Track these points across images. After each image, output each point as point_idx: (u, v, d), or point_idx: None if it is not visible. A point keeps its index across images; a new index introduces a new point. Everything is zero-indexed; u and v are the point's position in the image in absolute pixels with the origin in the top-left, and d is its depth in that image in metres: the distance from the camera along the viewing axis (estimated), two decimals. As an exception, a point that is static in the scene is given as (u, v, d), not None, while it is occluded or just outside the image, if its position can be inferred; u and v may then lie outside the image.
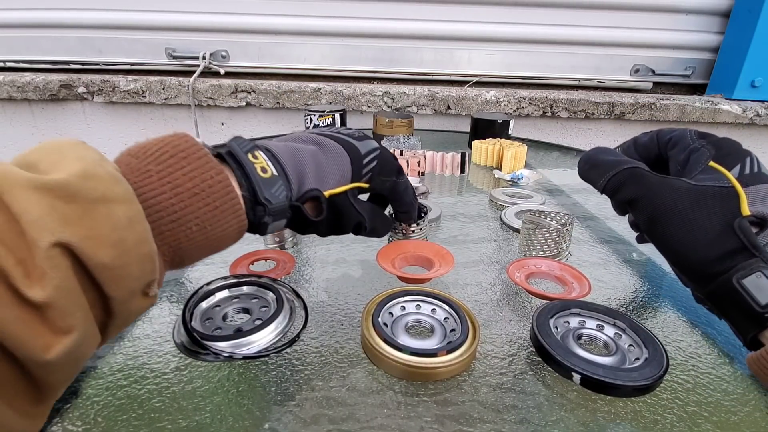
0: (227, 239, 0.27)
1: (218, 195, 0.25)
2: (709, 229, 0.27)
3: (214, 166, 0.26)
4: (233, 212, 0.26)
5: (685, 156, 0.33)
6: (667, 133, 0.36)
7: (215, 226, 0.26)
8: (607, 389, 0.28)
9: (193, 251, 0.26)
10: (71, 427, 0.26)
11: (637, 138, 0.38)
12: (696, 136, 0.34)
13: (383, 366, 0.31)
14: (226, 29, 1.20)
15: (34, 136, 1.23)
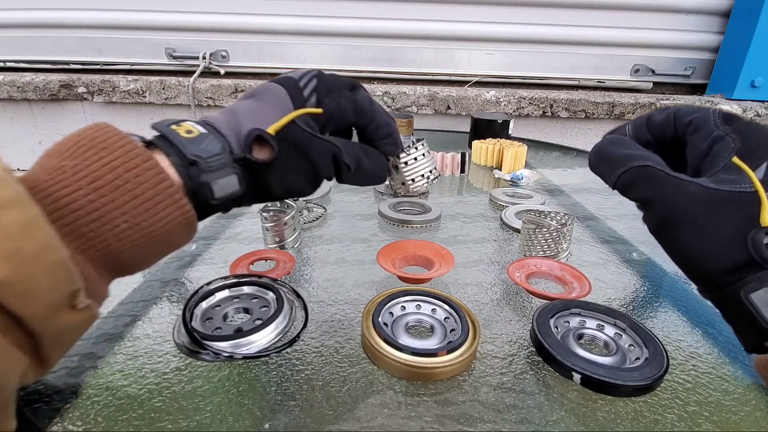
0: (174, 234, 0.25)
1: (148, 184, 0.23)
2: (722, 238, 0.25)
3: (140, 153, 0.23)
4: (170, 200, 0.23)
5: (707, 145, 0.28)
6: (687, 113, 0.31)
7: (151, 221, 0.23)
8: (608, 389, 0.28)
9: (131, 252, 0.23)
10: (71, 427, 0.26)
11: (651, 115, 0.33)
12: (721, 120, 0.29)
13: (383, 366, 0.31)
14: (226, 29, 1.20)
15: (34, 136, 1.23)
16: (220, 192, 0.26)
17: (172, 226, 0.24)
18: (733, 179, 0.26)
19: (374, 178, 0.35)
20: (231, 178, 0.27)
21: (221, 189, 0.26)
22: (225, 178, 0.26)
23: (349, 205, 0.62)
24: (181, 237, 0.25)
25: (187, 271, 0.44)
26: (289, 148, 0.29)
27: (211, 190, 0.26)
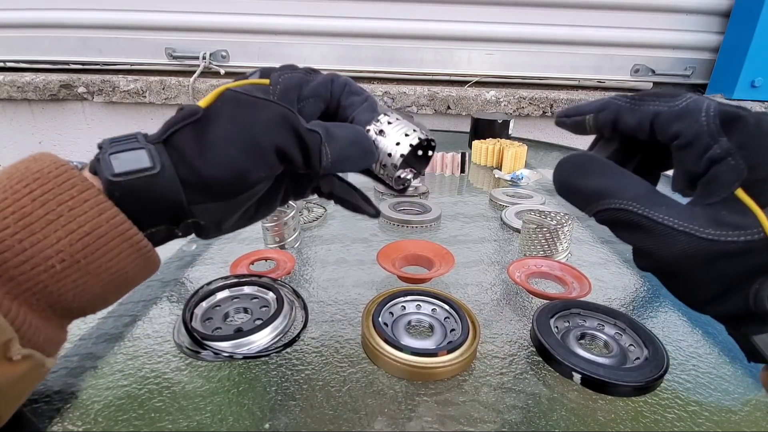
0: (127, 268, 0.22)
1: (86, 217, 0.20)
2: (722, 288, 0.21)
3: (77, 183, 0.20)
4: (116, 233, 0.21)
5: (702, 167, 0.22)
6: (670, 120, 0.22)
7: (93, 257, 0.20)
8: (608, 389, 0.28)
9: (76, 294, 0.21)
10: (71, 427, 0.26)
11: (619, 113, 0.24)
12: (719, 129, 0.21)
13: (383, 366, 0.31)
14: (226, 29, 1.20)
15: (34, 136, 1.23)
16: (121, 166, 0.22)
17: (122, 261, 0.21)
18: (736, 222, 0.20)
19: (356, 147, 0.26)
20: (137, 153, 0.22)
21: (122, 163, 0.22)
22: (128, 152, 0.22)
23: (349, 205, 0.62)
24: (139, 271, 0.23)
25: (187, 271, 0.44)
26: (223, 116, 0.24)
27: (109, 164, 0.22)
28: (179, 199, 0.22)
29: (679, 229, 0.21)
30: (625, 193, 0.22)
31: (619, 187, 0.22)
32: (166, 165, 0.22)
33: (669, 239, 0.21)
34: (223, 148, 0.23)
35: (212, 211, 0.24)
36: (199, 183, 0.23)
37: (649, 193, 0.22)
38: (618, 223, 0.23)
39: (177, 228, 0.24)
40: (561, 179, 0.25)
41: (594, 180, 0.23)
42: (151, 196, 0.22)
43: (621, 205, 0.22)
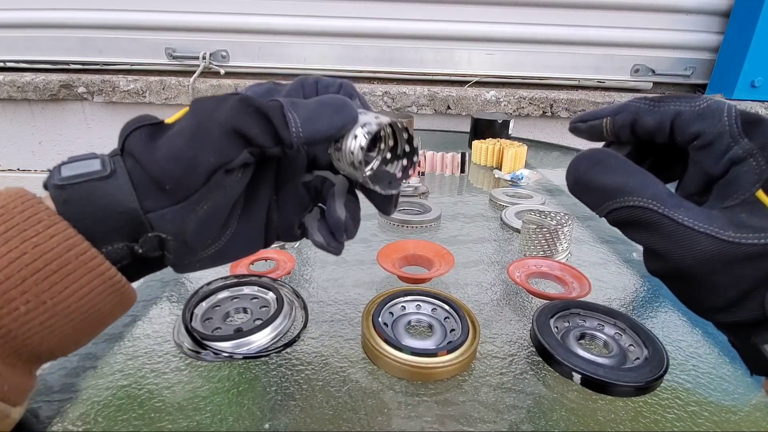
0: (100, 305, 0.21)
1: (52, 254, 0.19)
2: (737, 293, 0.21)
3: (44, 218, 0.19)
4: (86, 269, 0.19)
5: (721, 168, 0.21)
6: (691, 120, 0.22)
7: (60, 297, 0.19)
8: (608, 389, 0.28)
9: (43, 337, 0.19)
10: (71, 427, 0.26)
11: (638, 114, 0.24)
12: (740, 130, 0.21)
13: (383, 366, 0.31)
14: (226, 29, 1.20)
15: (34, 136, 1.23)
16: (70, 171, 0.20)
17: (94, 298, 0.20)
18: (756, 225, 0.20)
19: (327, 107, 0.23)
20: (90, 161, 0.21)
21: (72, 168, 0.20)
22: (80, 161, 0.21)
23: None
24: (112, 308, 0.21)
25: (187, 271, 0.44)
26: (180, 120, 0.22)
27: (57, 171, 0.20)
28: (132, 206, 0.20)
29: (700, 230, 0.20)
30: (646, 191, 0.21)
31: (640, 185, 0.21)
32: (118, 170, 0.21)
33: (688, 241, 0.20)
34: (172, 142, 0.21)
35: (170, 219, 0.21)
36: (149, 181, 0.21)
37: (668, 194, 0.21)
38: (634, 223, 0.22)
39: (137, 245, 0.21)
40: (577, 174, 0.24)
41: (613, 176, 0.22)
42: (99, 203, 0.20)
43: (641, 203, 0.21)
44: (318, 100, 0.23)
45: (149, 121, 0.22)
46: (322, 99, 0.23)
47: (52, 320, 0.19)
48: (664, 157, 0.26)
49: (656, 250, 0.22)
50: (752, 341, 0.21)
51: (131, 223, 0.21)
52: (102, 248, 0.20)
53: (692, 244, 0.20)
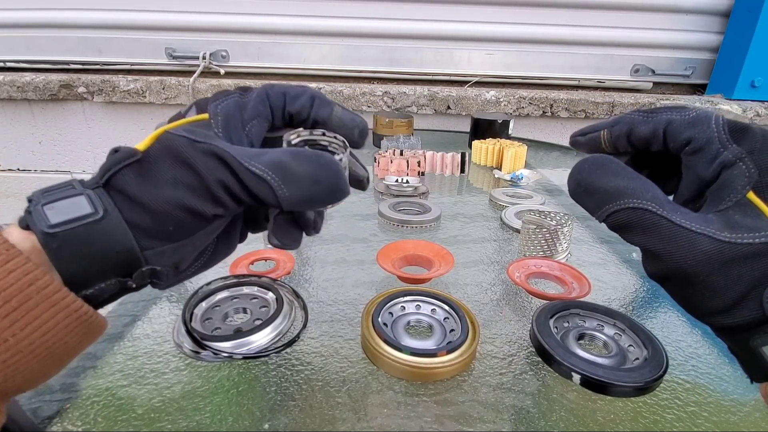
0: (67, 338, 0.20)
1: (13, 290, 0.18)
2: (735, 294, 0.21)
3: (2, 251, 0.18)
4: (48, 303, 0.19)
5: (712, 172, 0.23)
6: (681, 127, 0.24)
7: (21, 335, 0.18)
8: (607, 389, 0.28)
9: (8, 375, 0.19)
10: (71, 427, 0.26)
11: (633, 124, 0.26)
12: (728, 137, 0.23)
13: (383, 366, 0.31)
14: (226, 29, 1.20)
15: (34, 136, 1.23)
16: (58, 215, 0.19)
17: (59, 332, 0.19)
18: (750, 225, 0.21)
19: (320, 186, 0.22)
20: (74, 200, 0.20)
21: (59, 212, 0.20)
22: (64, 200, 0.20)
23: (348, 205, 0.62)
24: (80, 339, 0.21)
25: (187, 271, 0.44)
26: (164, 159, 0.22)
27: (43, 215, 0.19)
28: (129, 245, 0.20)
29: (698, 231, 0.21)
30: (645, 194, 0.22)
31: (640, 188, 0.22)
32: (109, 209, 0.20)
33: (687, 241, 0.21)
34: (170, 187, 0.21)
35: (168, 254, 0.22)
36: (150, 223, 0.21)
37: (665, 198, 0.22)
38: (633, 226, 0.23)
39: (131, 279, 0.21)
40: (580, 178, 0.25)
41: (614, 180, 0.23)
42: (96, 245, 0.20)
43: (640, 205, 0.22)
44: (313, 178, 0.22)
45: (131, 157, 0.21)
46: (318, 174, 0.22)
47: (16, 358, 0.18)
48: (659, 171, 0.27)
49: (655, 252, 0.22)
50: (751, 344, 0.21)
51: (127, 261, 0.21)
52: (95, 285, 0.20)
53: (691, 244, 0.21)
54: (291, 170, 0.21)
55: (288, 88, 0.27)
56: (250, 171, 0.21)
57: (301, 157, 0.22)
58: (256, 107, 0.25)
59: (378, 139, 0.92)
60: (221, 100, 0.25)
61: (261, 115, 0.26)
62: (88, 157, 1.26)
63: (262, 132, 0.26)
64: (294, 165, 0.22)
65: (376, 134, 0.95)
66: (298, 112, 0.26)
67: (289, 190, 0.21)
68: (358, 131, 0.27)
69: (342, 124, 0.27)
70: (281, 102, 0.26)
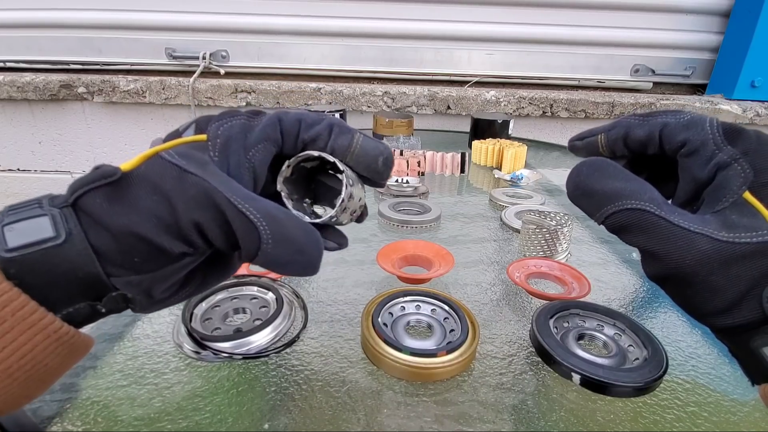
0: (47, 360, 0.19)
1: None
2: (734, 294, 0.21)
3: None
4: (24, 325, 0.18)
5: (708, 173, 0.23)
6: (676, 130, 0.24)
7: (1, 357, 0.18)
8: (607, 390, 0.28)
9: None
10: (71, 427, 0.26)
11: (629, 128, 0.26)
12: (723, 139, 0.23)
13: (383, 366, 0.31)
14: (226, 29, 1.20)
15: (34, 136, 1.23)
16: (17, 239, 0.18)
17: (38, 355, 0.18)
18: (747, 224, 0.21)
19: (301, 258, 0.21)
20: (36, 221, 0.19)
21: (18, 235, 0.18)
22: (26, 221, 0.19)
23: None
24: (63, 360, 0.20)
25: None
26: (144, 185, 0.20)
27: (1, 238, 0.18)
28: (94, 271, 0.19)
29: (696, 231, 0.21)
30: (643, 195, 0.22)
31: (638, 190, 0.23)
32: (74, 232, 0.19)
33: (686, 241, 0.21)
34: (139, 217, 0.20)
35: (136, 284, 0.20)
36: (115, 252, 0.19)
37: (663, 199, 0.22)
38: (632, 226, 0.23)
39: (100, 304, 0.20)
40: (578, 180, 0.25)
41: (612, 182, 0.23)
42: (58, 270, 0.19)
43: (638, 206, 0.22)
44: (297, 248, 0.21)
45: (107, 178, 0.20)
46: (304, 246, 0.21)
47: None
48: (656, 175, 0.27)
49: (654, 253, 0.22)
50: (751, 346, 0.21)
51: (94, 285, 0.20)
52: (62, 310, 0.19)
53: (689, 244, 0.21)
54: (284, 231, 0.20)
55: (303, 115, 0.25)
56: (243, 214, 0.19)
57: (294, 221, 0.21)
58: (264, 130, 0.23)
59: (378, 140, 0.92)
60: (224, 121, 0.23)
61: (269, 139, 0.23)
62: (88, 157, 1.26)
63: (267, 158, 0.24)
64: (288, 226, 0.20)
65: (376, 134, 0.95)
66: (314, 140, 0.24)
67: (274, 248, 0.20)
68: (382, 159, 0.25)
69: (364, 154, 0.24)
70: (295, 129, 0.24)
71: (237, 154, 0.22)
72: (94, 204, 0.19)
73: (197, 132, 0.23)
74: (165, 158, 0.20)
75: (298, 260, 0.21)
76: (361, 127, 1.14)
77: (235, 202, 0.19)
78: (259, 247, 0.20)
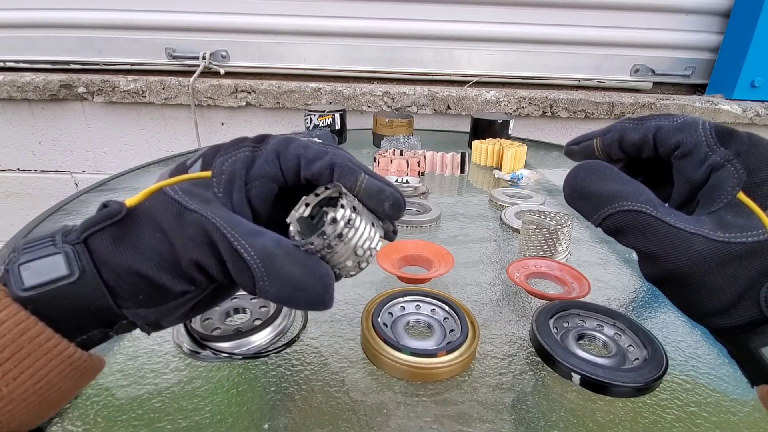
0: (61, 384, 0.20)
1: (5, 341, 0.18)
2: (732, 294, 0.21)
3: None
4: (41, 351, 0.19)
5: (702, 174, 0.23)
6: (670, 133, 0.24)
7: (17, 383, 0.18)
8: (607, 390, 0.28)
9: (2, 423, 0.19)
10: (71, 427, 0.26)
11: (624, 132, 0.26)
12: (715, 140, 0.23)
13: (383, 366, 0.31)
14: (226, 29, 1.20)
15: (34, 136, 1.23)
16: (33, 278, 0.19)
17: (52, 379, 0.19)
18: (742, 224, 0.21)
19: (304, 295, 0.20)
20: (51, 260, 0.19)
21: (33, 274, 0.19)
22: (41, 260, 0.19)
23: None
24: (76, 382, 0.21)
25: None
26: (146, 224, 0.21)
27: (18, 277, 0.19)
28: (106, 304, 0.20)
29: (692, 231, 0.21)
30: (639, 196, 0.22)
31: (634, 192, 0.23)
32: (87, 269, 0.20)
33: (682, 242, 0.21)
34: (141, 257, 0.20)
35: (143, 315, 0.21)
36: (121, 289, 0.20)
37: (659, 201, 0.23)
38: (629, 228, 0.23)
39: (112, 330, 0.21)
40: (575, 183, 0.25)
41: (609, 184, 0.23)
42: (71, 304, 0.19)
43: (635, 207, 0.22)
44: (298, 285, 0.20)
45: (112, 218, 0.20)
46: (303, 283, 0.20)
47: (9, 407, 0.18)
48: (652, 178, 0.27)
49: (652, 254, 0.22)
50: (750, 346, 0.21)
51: (105, 316, 0.21)
52: (76, 338, 0.20)
53: (686, 245, 0.21)
54: (279, 268, 0.19)
55: (305, 149, 0.23)
56: (237, 253, 0.19)
57: (294, 257, 0.20)
58: (262, 167, 0.23)
59: (378, 139, 0.92)
60: (230, 155, 0.23)
61: (266, 176, 0.23)
62: (88, 157, 1.26)
63: (267, 194, 0.23)
64: (284, 263, 0.20)
65: (376, 134, 0.95)
66: (316, 178, 0.23)
67: (271, 286, 0.19)
68: (388, 205, 0.23)
69: (368, 197, 0.23)
70: (295, 165, 0.23)
71: (239, 190, 0.22)
72: (102, 244, 0.20)
73: (203, 166, 0.23)
74: (168, 194, 0.21)
75: (300, 297, 0.20)
76: (361, 127, 1.13)
77: (231, 238, 0.19)
78: (256, 286, 0.20)
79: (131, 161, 1.26)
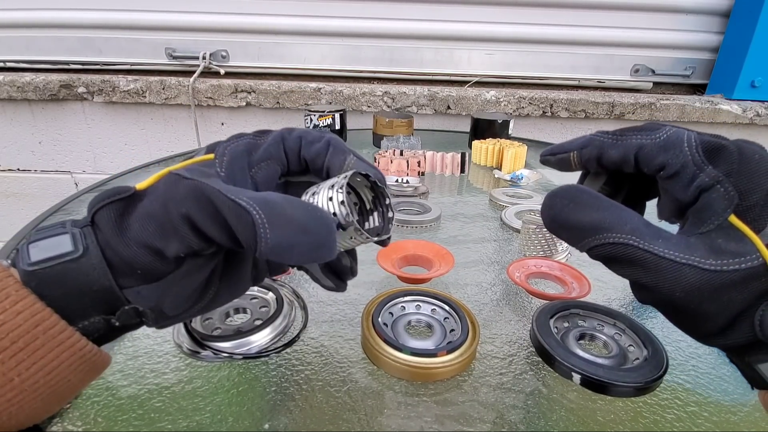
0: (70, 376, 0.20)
1: (21, 331, 0.18)
2: (726, 318, 0.20)
3: (12, 293, 0.19)
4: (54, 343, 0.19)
5: (690, 195, 0.22)
6: (654, 152, 0.23)
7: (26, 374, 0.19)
8: (607, 389, 0.28)
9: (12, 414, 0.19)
10: (71, 427, 0.26)
11: (602, 148, 0.25)
12: (703, 158, 0.22)
13: (383, 366, 0.31)
14: (226, 29, 1.20)
15: (34, 136, 1.23)
16: (39, 254, 0.20)
17: (63, 371, 0.20)
18: (734, 250, 0.20)
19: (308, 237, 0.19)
20: (58, 239, 0.20)
21: (40, 251, 0.20)
22: (49, 239, 0.20)
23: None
24: (84, 376, 0.21)
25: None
26: (149, 197, 0.21)
27: (26, 254, 0.20)
28: (107, 284, 0.20)
29: (683, 262, 0.20)
30: (624, 226, 0.21)
31: (616, 221, 0.21)
32: (91, 247, 0.20)
33: (674, 273, 0.20)
34: (140, 225, 0.20)
35: (146, 295, 0.21)
36: (122, 264, 0.20)
37: (645, 226, 0.21)
38: (616, 259, 0.22)
39: (114, 318, 0.21)
40: (553, 214, 0.23)
41: (588, 213, 0.22)
42: (74, 282, 0.20)
43: (620, 239, 0.21)
44: (302, 226, 0.19)
45: (119, 195, 0.21)
46: (306, 224, 0.19)
47: (20, 396, 0.19)
48: (640, 181, 0.26)
49: (644, 284, 0.21)
50: (747, 360, 0.21)
51: (107, 299, 0.21)
52: (78, 324, 0.20)
53: (678, 276, 0.20)
54: (281, 210, 0.19)
55: (306, 133, 0.26)
56: (234, 201, 0.19)
57: (295, 203, 0.20)
58: (267, 149, 0.24)
59: (378, 140, 0.92)
60: (231, 142, 0.24)
61: (272, 158, 0.24)
62: (88, 157, 1.26)
63: (272, 175, 0.25)
64: (285, 207, 0.19)
65: (376, 134, 0.95)
66: (313, 159, 0.25)
67: (273, 233, 0.19)
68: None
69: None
70: (297, 146, 0.25)
71: (242, 171, 0.23)
72: (106, 219, 0.21)
73: (207, 152, 0.24)
74: (176, 173, 0.21)
75: (303, 241, 0.19)
76: (361, 127, 1.13)
77: (225, 192, 0.19)
78: (256, 234, 0.18)
79: (131, 161, 1.26)
